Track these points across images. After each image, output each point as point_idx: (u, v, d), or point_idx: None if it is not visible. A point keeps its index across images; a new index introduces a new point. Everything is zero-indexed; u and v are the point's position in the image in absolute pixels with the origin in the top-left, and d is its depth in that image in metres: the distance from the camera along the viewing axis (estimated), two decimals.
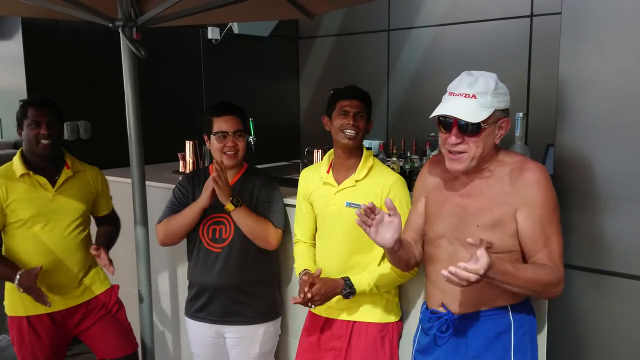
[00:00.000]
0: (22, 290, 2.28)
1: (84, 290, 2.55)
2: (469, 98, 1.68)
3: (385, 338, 2.20)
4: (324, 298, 2.09)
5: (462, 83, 1.71)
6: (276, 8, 2.71)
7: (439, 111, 1.72)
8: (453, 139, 1.72)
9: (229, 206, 2.32)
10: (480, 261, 1.50)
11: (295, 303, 2.08)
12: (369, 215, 1.74)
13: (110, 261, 2.43)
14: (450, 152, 1.75)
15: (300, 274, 2.23)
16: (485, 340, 1.81)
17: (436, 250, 1.87)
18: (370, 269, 2.16)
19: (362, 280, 2.12)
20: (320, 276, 2.22)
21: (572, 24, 1.92)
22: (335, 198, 2.20)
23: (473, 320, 1.82)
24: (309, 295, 2.04)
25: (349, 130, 2.14)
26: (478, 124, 1.68)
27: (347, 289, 2.10)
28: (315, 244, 2.35)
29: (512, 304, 1.81)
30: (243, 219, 2.35)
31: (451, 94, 1.73)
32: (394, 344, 2.22)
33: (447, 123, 1.73)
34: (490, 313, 1.81)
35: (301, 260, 2.32)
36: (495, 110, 1.70)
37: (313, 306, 2.10)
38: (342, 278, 2.12)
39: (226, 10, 2.53)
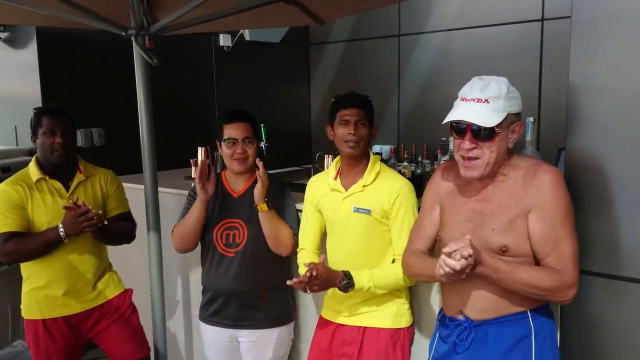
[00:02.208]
0: (73, 232, 2.29)
1: (98, 294, 2.58)
2: (482, 103, 1.68)
3: (397, 343, 2.20)
4: (323, 285, 2.05)
5: (474, 88, 1.71)
6: (287, 15, 2.72)
7: (452, 117, 1.72)
8: (467, 143, 1.71)
9: (263, 206, 2.35)
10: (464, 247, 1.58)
11: (291, 284, 2.02)
12: None
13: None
14: (464, 158, 1.75)
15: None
16: (506, 346, 1.79)
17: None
18: (371, 268, 2.15)
19: (361, 277, 2.09)
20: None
21: (581, 28, 1.92)
22: (344, 204, 2.20)
23: (493, 326, 1.81)
24: (308, 274, 1.99)
25: (351, 140, 2.14)
26: (492, 129, 1.68)
27: (345, 280, 2.07)
28: (318, 253, 2.35)
29: (532, 309, 1.79)
30: (271, 222, 2.37)
31: (463, 99, 1.73)
32: (405, 350, 2.21)
33: (460, 129, 1.73)
34: (509, 318, 1.79)
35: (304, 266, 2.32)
36: (508, 114, 1.70)
37: (309, 291, 2.05)
38: (342, 271, 2.10)
39: (237, 18, 2.55)
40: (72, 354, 2.55)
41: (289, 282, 2.04)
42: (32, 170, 2.45)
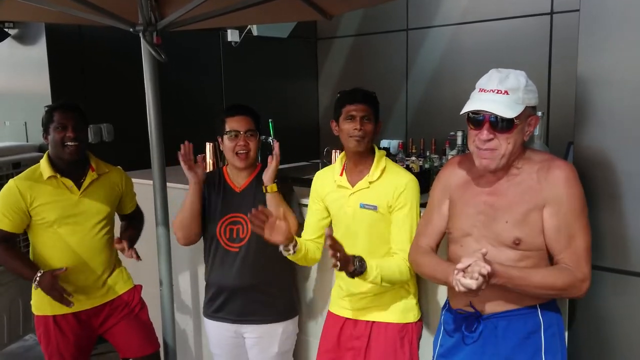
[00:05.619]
0: (42, 290, 2.33)
1: (107, 290, 2.59)
2: (501, 94, 1.68)
3: (405, 338, 2.20)
4: (343, 261, 1.91)
5: (492, 79, 1.71)
6: (294, 10, 2.72)
7: (471, 107, 1.71)
8: (485, 134, 1.71)
9: (273, 187, 2.36)
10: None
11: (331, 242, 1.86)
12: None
13: (135, 251, 2.49)
14: (480, 149, 1.75)
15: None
16: (516, 339, 1.79)
17: (462, 249, 1.85)
18: (378, 259, 2.09)
19: (372, 265, 1.99)
20: (337, 276, 2.28)
21: (590, 21, 1.90)
22: (350, 200, 2.20)
23: (503, 319, 1.80)
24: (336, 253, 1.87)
25: (357, 135, 2.14)
26: (510, 120, 1.68)
27: (357, 263, 1.95)
28: (318, 241, 2.31)
29: (541, 303, 1.79)
30: (278, 205, 2.35)
31: (482, 90, 1.72)
32: (413, 345, 2.22)
33: (478, 120, 1.72)
34: (519, 312, 1.79)
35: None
36: (526, 107, 1.70)
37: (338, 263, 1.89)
38: (351, 255, 1.96)
39: (245, 13, 2.55)
40: (83, 350, 2.57)
41: (328, 240, 1.86)
42: (44, 167, 2.44)
